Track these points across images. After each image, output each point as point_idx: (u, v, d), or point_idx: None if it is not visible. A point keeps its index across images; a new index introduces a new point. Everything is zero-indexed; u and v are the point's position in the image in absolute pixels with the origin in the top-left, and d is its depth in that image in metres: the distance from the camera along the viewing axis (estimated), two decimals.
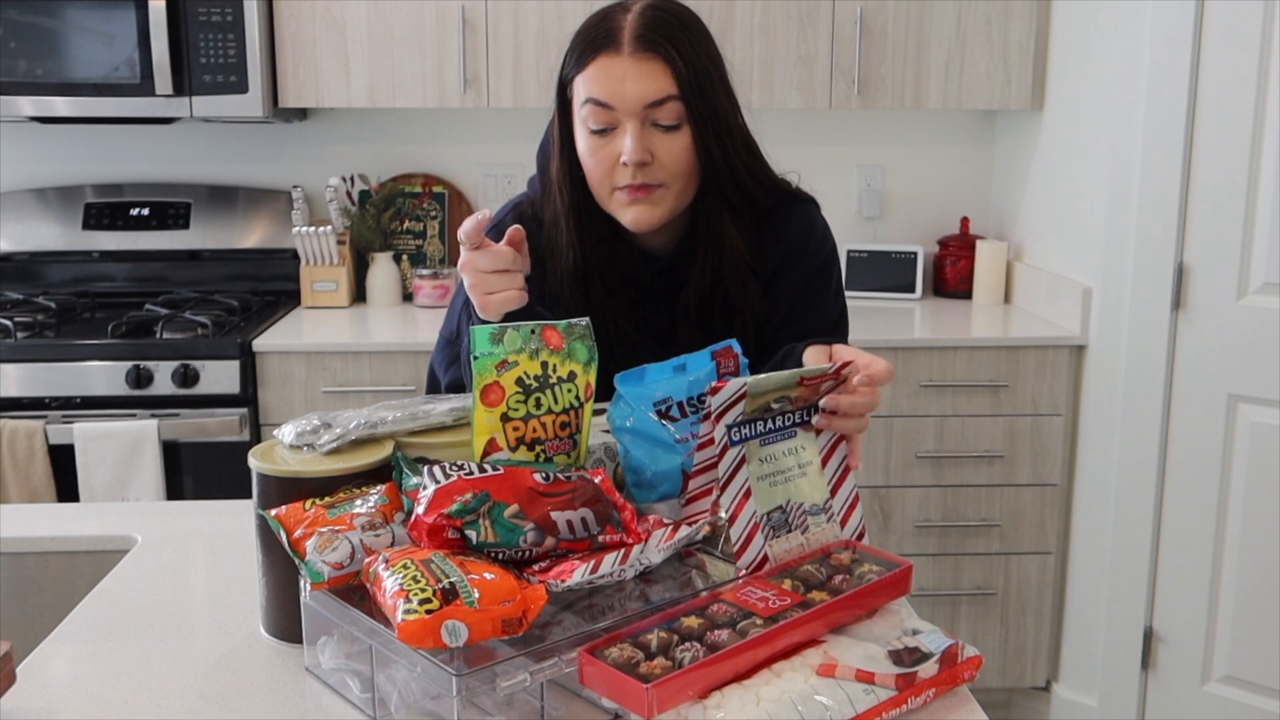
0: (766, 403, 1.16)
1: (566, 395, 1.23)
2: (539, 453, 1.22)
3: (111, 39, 2.78)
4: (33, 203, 3.15)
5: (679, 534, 1.12)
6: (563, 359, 1.23)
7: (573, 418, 1.24)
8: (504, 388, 1.21)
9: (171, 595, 1.34)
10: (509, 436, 1.20)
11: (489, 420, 1.20)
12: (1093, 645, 2.82)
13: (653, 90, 1.36)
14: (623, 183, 1.39)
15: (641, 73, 1.35)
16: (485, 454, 1.20)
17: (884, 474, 2.83)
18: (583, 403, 1.25)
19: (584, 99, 1.38)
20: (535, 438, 1.22)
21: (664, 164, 1.39)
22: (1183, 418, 2.60)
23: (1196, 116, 2.49)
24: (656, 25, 1.37)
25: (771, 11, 2.88)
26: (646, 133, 1.37)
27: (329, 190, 3.05)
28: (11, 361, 2.65)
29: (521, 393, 1.21)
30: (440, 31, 2.88)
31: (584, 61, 1.38)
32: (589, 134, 1.39)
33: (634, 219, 1.41)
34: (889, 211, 3.35)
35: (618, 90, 1.36)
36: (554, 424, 1.22)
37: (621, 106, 1.36)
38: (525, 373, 1.21)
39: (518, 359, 1.21)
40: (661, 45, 1.36)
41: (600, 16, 1.40)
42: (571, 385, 1.24)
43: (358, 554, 1.07)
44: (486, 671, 0.94)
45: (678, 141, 1.38)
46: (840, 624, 1.07)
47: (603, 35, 1.37)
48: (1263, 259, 2.45)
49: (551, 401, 1.22)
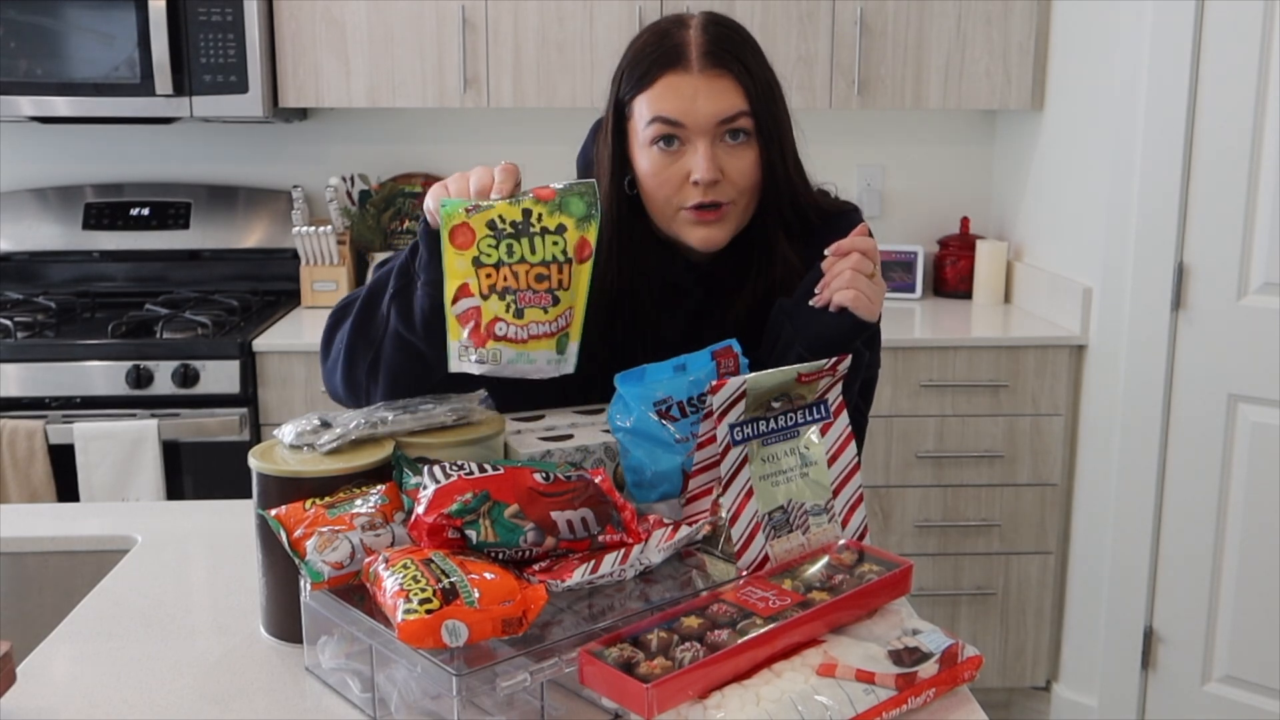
0: (767, 401, 1.16)
1: (550, 247, 1.17)
2: (509, 303, 1.17)
3: (111, 39, 2.78)
4: (33, 203, 3.15)
5: (679, 534, 1.12)
6: (551, 210, 1.17)
7: (553, 272, 1.18)
8: (474, 229, 1.15)
9: (171, 595, 1.34)
10: (481, 284, 1.16)
11: (460, 264, 1.16)
12: (1093, 645, 2.82)
13: (725, 107, 1.34)
14: (690, 202, 1.36)
15: (713, 90, 1.33)
16: (456, 299, 1.16)
17: (884, 474, 2.83)
18: (570, 259, 1.19)
19: (650, 118, 1.35)
20: (507, 286, 1.16)
21: (733, 180, 1.36)
22: (1183, 418, 2.60)
23: (1196, 116, 2.49)
24: (723, 41, 1.35)
25: (771, 11, 2.88)
26: (716, 149, 1.35)
27: (329, 190, 3.05)
28: (11, 361, 2.65)
29: (493, 236, 1.16)
30: (440, 31, 2.88)
31: (648, 80, 1.35)
32: (654, 153, 1.37)
33: (703, 239, 1.39)
34: (889, 211, 3.35)
35: (689, 108, 1.33)
36: (527, 274, 1.16)
37: (693, 124, 1.34)
38: (500, 216, 1.16)
39: (494, 203, 1.16)
40: (731, 61, 1.34)
41: (658, 34, 1.37)
42: (559, 238, 1.18)
43: (358, 554, 1.07)
44: (486, 671, 0.94)
45: (746, 158, 1.37)
46: (840, 624, 1.07)
47: (668, 52, 1.35)
48: (1263, 259, 2.45)
49: (527, 250, 1.16)
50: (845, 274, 1.32)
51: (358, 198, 3.18)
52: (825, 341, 1.33)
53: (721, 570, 1.15)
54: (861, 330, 1.34)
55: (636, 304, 1.44)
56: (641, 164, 1.39)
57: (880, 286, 1.34)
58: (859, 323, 1.33)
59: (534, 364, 1.19)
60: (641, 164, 1.39)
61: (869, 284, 1.32)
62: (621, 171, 1.41)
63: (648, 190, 1.39)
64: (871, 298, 1.32)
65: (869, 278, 1.32)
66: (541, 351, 1.19)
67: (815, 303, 1.34)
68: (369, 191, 3.20)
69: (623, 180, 1.41)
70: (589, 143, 1.49)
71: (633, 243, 1.43)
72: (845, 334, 1.33)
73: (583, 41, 2.89)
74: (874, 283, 1.33)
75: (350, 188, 3.16)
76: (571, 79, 2.91)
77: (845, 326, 1.33)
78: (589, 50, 2.90)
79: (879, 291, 1.34)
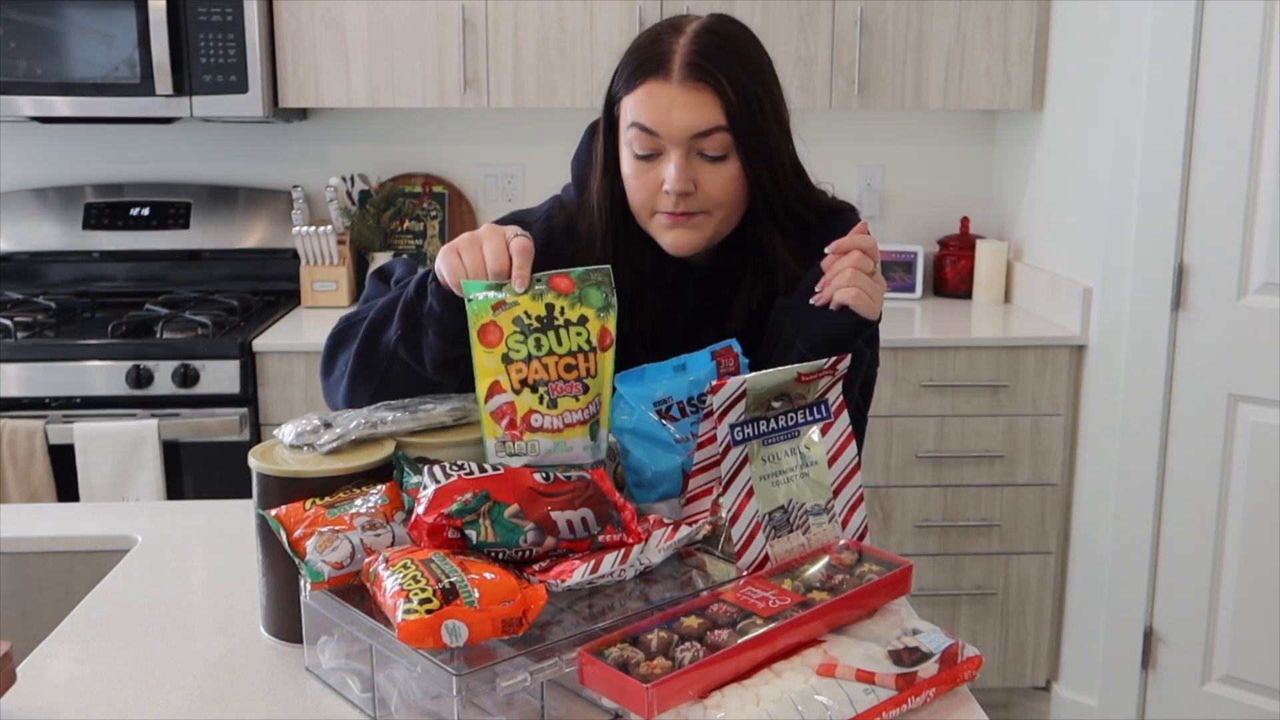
0: (768, 401, 1.16)
1: (575, 338, 1.20)
2: (543, 394, 1.19)
3: (111, 39, 2.78)
4: (33, 203, 3.15)
5: (679, 534, 1.12)
6: (572, 302, 1.20)
7: (580, 361, 1.20)
8: (501, 327, 1.18)
9: (171, 595, 1.34)
10: (512, 379, 1.18)
11: (489, 362, 1.18)
12: (1093, 645, 2.82)
13: (699, 121, 1.32)
14: (664, 208, 1.36)
15: (690, 102, 1.31)
16: (489, 396, 1.18)
17: (884, 474, 2.82)
18: (594, 348, 1.21)
19: (630, 122, 1.35)
20: (538, 379, 1.19)
21: (708, 194, 1.35)
22: (1183, 418, 2.60)
23: (1196, 116, 2.49)
24: (708, 52, 1.32)
25: (771, 11, 2.88)
26: (691, 162, 1.34)
27: (329, 190, 3.05)
28: (11, 361, 2.65)
29: (520, 333, 1.18)
30: (440, 31, 2.88)
31: (632, 84, 1.35)
32: (633, 157, 1.36)
33: (673, 243, 1.38)
34: (889, 211, 3.35)
35: (664, 118, 1.32)
36: (557, 365, 1.19)
37: (667, 135, 1.32)
38: (526, 312, 1.19)
39: (517, 299, 1.19)
40: (711, 75, 1.31)
41: (652, 37, 1.36)
42: (581, 329, 1.20)
43: (358, 553, 1.07)
44: (486, 671, 0.94)
45: (723, 172, 1.35)
46: (840, 624, 1.07)
47: (653, 59, 1.33)
48: (1263, 259, 2.45)
49: (554, 343, 1.19)
50: (846, 272, 1.32)
51: (358, 198, 3.18)
52: (826, 340, 1.33)
53: (722, 570, 1.15)
54: (863, 328, 1.34)
55: (634, 304, 1.43)
56: (624, 165, 1.39)
57: (881, 284, 1.34)
58: (860, 321, 1.33)
59: (571, 451, 1.21)
60: (624, 165, 1.39)
61: (869, 282, 1.32)
62: (614, 168, 1.41)
63: (628, 190, 1.40)
64: (873, 295, 1.32)
65: (869, 275, 1.32)
66: (577, 439, 1.21)
67: (816, 301, 1.34)
68: (369, 191, 3.20)
69: (615, 177, 1.41)
70: (583, 146, 1.49)
71: (628, 241, 1.43)
72: (846, 332, 1.34)
73: (583, 42, 2.89)
74: (874, 280, 1.33)
75: (350, 188, 3.16)
76: (571, 79, 2.91)
77: (846, 325, 1.33)
78: (589, 50, 2.90)
79: (879, 289, 1.34)
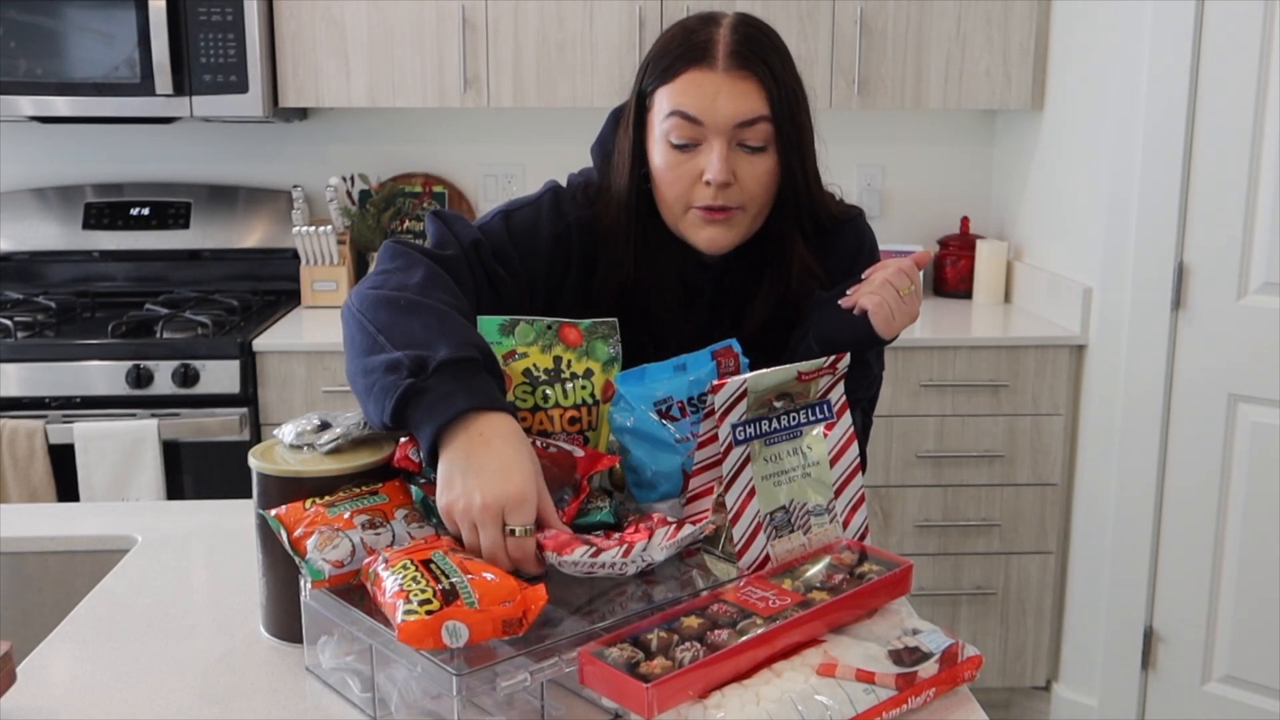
0: (769, 400, 1.16)
1: (580, 392, 1.22)
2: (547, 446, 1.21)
3: (111, 39, 2.78)
4: (33, 203, 3.15)
5: (682, 532, 1.12)
6: (579, 356, 1.22)
7: (584, 414, 1.23)
8: (510, 378, 1.20)
9: (171, 595, 1.34)
10: None
11: None
12: (1093, 645, 2.82)
13: (745, 110, 1.31)
14: (700, 202, 1.34)
15: (735, 91, 1.31)
16: None
17: (884, 474, 2.82)
18: (597, 401, 1.24)
19: (668, 111, 1.33)
20: (542, 429, 1.21)
21: (746, 186, 1.34)
22: (1183, 418, 2.60)
23: (1196, 116, 2.49)
24: (751, 42, 1.32)
25: (771, 11, 2.88)
26: (732, 153, 1.33)
27: (329, 190, 3.05)
28: (11, 361, 2.65)
29: (528, 384, 1.20)
30: (440, 31, 2.88)
31: (672, 74, 1.33)
32: (669, 148, 1.34)
33: (709, 240, 1.37)
34: (889, 211, 3.35)
35: (709, 106, 1.31)
36: (561, 417, 1.22)
37: (710, 123, 1.31)
38: (534, 365, 1.21)
39: (528, 350, 1.20)
40: (757, 64, 1.31)
41: (687, 30, 1.35)
42: (586, 383, 1.23)
43: (358, 552, 1.07)
44: (486, 671, 0.94)
45: (762, 164, 1.34)
46: (840, 624, 1.07)
47: (695, 48, 1.32)
48: (1263, 259, 2.45)
49: (560, 396, 1.21)
50: (878, 281, 1.33)
51: (358, 198, 3.18)
52: (834, 339, 1.33)
53: (722, 570, 1.15)
54: (872, 342, 1.35)
55: (649, 301, 1.43)
56: (656, 158, 1.37)
57: (908, 308, 1.34)
58: (871, 333, 1.33)
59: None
60: (656, 158, 1.37)
61: (895, 297, 1.32)
62: (640, 163, 1.39)
63: (660, 185, 1.37)
64: (894, 312, 1.32)
65: (902, 295, 1.32)
66: None
67: (844, 303, 1.35)
68: (369, 191, 3.20)
69: (640, 172, 1.39)
70: (606, 131, 1.47)
71: (647, 237, 1.41)
72: (855, 338, 1.34)
73: (583, 42, 2.89)
74: (903, 300, 1.33)
75: (350, 187, 3.16)
76: (571, 79, 2.91)
77: (858, 331, 1.34)
78: (589, 50, 2.90)
79: (904, 310, 1.33)
